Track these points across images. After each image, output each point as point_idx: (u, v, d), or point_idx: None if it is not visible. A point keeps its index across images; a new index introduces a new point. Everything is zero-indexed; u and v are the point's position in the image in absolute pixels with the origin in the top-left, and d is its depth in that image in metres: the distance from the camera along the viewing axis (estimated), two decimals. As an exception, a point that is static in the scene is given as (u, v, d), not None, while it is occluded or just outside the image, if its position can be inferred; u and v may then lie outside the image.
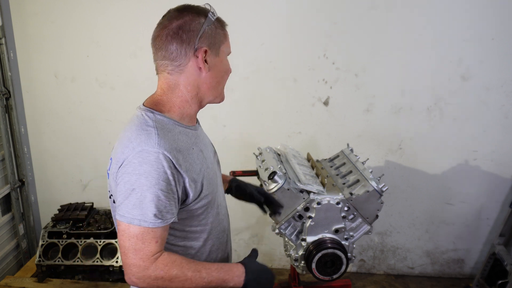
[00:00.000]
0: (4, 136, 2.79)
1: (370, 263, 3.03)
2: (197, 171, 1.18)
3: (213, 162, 1.33)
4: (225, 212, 1.40)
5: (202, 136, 1.32)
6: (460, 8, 2.46)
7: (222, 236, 1.35)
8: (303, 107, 2.72)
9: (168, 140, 1.11)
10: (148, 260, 1.09)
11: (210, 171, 1.25)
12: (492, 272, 2.68)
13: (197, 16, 1.15)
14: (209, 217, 1.26)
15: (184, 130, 1.20)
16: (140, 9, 2.59)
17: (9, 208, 2.92)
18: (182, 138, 1.17)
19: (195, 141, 1.23)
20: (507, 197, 2.75)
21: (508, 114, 2.61)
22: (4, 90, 2.76)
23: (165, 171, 1.08)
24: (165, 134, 1.12)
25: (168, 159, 1.09)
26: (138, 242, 1.09)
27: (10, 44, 2.74)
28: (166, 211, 1.10)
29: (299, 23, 2.57)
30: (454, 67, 2.56)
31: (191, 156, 1.17)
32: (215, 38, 1.18)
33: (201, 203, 1.21)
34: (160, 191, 1.08)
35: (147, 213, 1.08)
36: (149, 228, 1.08)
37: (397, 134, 2.72)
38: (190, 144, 1.20)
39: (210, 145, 1.37)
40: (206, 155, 1.27)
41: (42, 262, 2.54)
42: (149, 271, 1.10)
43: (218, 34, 1.19)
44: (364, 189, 1.92)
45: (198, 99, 1.22)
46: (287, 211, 1.92)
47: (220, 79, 1.23)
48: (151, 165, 1.07)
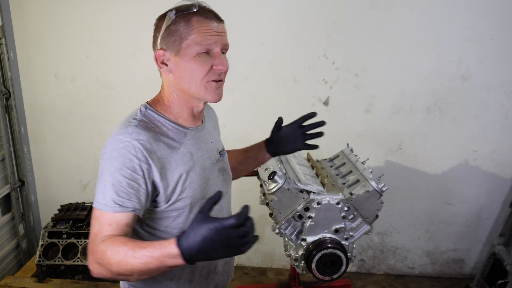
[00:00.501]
0: (4, 136, 2.79)
1: (370, 263, 3.03)
2: (178, 171, 1.16)
3: (210, 169, 1.26)
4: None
5: (204, 140, 1.27)
6: (460, 8, 2.46)
7: None
8: (303, 107, 2.72)
9: (145, 133, 1.12)
10: (96, 242, 1.03)
11: (198, 176, 1.20)
12: (492, 272, 2.68)
13: (162, 19, 1.17)
14: (187, 222, 1.21)
15: (176, 129, 1.19)
16: (140, 9, 2.59)
17: (9, 208, 2.92)
18: (169, 135, 1.17)
19: (186, 142, 1.20)
20: (507, 197, 2.75)
21: (508, 114, 2.61)
22: (4, 90, 2.76)
23: (131, 159, 1.08)
24: (148, 128, 1.14)
25: (139, 150, 1.09)
26: (96, 224, 1.08)
27: (10, 44, 2.74)
28: (127, 199, 1.08)
29: (299, 23, 2.57)
30: (454, 67, 2.56)
31: (172, 155, 1.16)
32: (174, 36, 1.13)
33: (177, 205, 1.18)
34: (123, 177, 1.07)
35: (107, 197, 1.08)
36: (108, 212, 1.07)
37: (397, 134, 2.72)
38: (179, 144, 1.18)
39: (213, 151, 1.30)
40: (198, 159, 1.22)
41: (42, 262, 2.54)
42: (93, 256, 1.03)
43: (177, 31, 1.12)
44: (364, 189, 1.92)
45: (182, 100, 1.20)
46: (287, 211, 1.92)
47: (189, 78, 1.15)
48: (119, 151, 1.09)
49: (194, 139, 1.23)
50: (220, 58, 1.15)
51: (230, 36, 1.26)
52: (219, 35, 1.14)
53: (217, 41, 1.14)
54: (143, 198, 1.11)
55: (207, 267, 1.32)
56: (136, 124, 1.13)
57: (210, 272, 1.33)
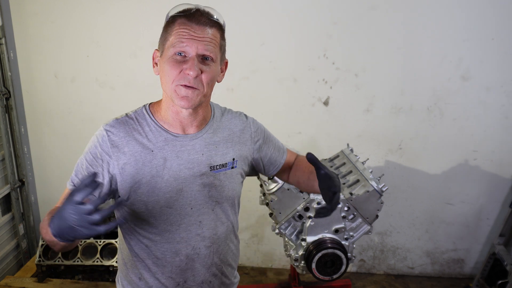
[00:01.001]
0: (4, 136, 2.78)
1: (370, 263, 3.03)
2: (138, 170, 1.15)
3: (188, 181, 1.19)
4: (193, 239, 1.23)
5: (189, 150, 1.19)
6: (460, 8, 2.46)
7: (171, 257, 1.23)
8: (303, 107, 2.72)
9: (121, 128, 1.17)
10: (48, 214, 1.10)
11: (165, 183, 1.16)
12: (492, 272, 2.68)
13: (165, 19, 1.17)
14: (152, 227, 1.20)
15: (158, 132, 1.19)
16: (140, 9, 2.58)
17: (9, 208, 2.92)
18: (149, 136, 1.18)
19: (163, 147, 1.17)
20: (507, 197, 2.75)
21: (508, 114, 2.61)
22: (4, 90, 2.76)
23: (96, 146, 1.16)
24: (126, 124, 1.18)
25: (105, 140, 1.15)
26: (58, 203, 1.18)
27: (10, 44, 2.74)
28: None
29: (299, 23, 2.57)
30: (454, 67, 2.56)
31: (142, 154, 1.16)
32: (163, 37, 1.14)
33: (136, 206, 1.18)
34: (85, 160, 1.18)
35: (72, 175, 1.21)
36: (67, 189, 1.20)
37: (397, 134, 2.72)
38: (154, 147, 1.17)
39: (198, 163, 1.20)
40: (172, 166, 1.17)
41: (42, 262, 2.54)
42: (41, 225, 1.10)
43: (166, 32, 1.13)
44: (364, 189, 1.92)
45: (168, 103, 1.18)
46: (287, 211, 1.92)
47: (164, 80, 1.13)
48: (93, 138, 1.19)
49: (175, 146, 1.18)
50: (191, 63, 1.09)
51: (230, 36, 1.25)
52: (197, 39, 1.09)
53: (192, 45, 1.09)
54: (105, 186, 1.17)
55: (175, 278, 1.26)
56: (119, 118, 1.20)
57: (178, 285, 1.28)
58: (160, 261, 1.24)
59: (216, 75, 1.16)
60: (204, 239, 1.25)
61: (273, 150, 1.41)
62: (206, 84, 1.13)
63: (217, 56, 1.14)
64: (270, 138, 1.43)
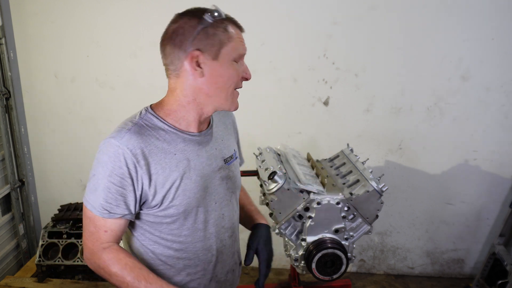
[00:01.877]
0: (4, 136, 2.78)
1: (370, 263, 3.03)
2: (171, 178, 1.14)
3: (210, 177, 1.22)
4: (218, 231, 1.28)
5: (205, 146, 1.22)
6: (460, 8, 2.46)
7: (204, 255, 1.26)
8: (303, 107, 2.72)
9: (137, 139, 1.11)
10: (96, 246, 1.13)
11: (194, 184, 1.17)
12: (492, 272, 2.68)
13: (192, 19, 1.11)
14: (182, 229, 1.20)
15: (175, 134, 1.16)
16: (140, 9, 2.58)
17: (9, 208, 2.92)
18: (161, 142, 1.14)
19: (184, 148, 1.17)
20: (507, 197, 2.75)
21: (508, 114, 2.61)
22: (4, 90, 2.76)
23: (121, 166, 1.09)
24: (141, 133, 1.12)
25: (128, 157, 1.09)
26: (91, 224, 1.14)
27: (10, 44, 2.74)
28: (115, 205, 1.11)
29: (299, 23, 2.57)
30: (454, 67, 2.56)
31: (166, 160, 1.13)
32: (212, 40, 1.10)
33: (169, 211, 1.17)
34: (112, 184, 1.10)
35: (97, 201, 1.12)
36: (98, 216, 1.13)
37: (397, 134, 2.72)
38: (174, 149, 1.15)
39: (215, 158, 1.25)
40: (196, 165, 1.18)
41: (42, 262, 2.54)
42: (94, 257, 1.14)
43: (216, 35, 1.10)
44: (364, 189, 1.92)
45: (196, 105, 1.16)
46: (287, 211, 1.92)
47: (221, 85, 1.13)
48: (109, 156, 1.09)
49: (194, 145, 1.19)
50: (247, 67, 1.18)
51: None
52: (245, 45, 1.18)
53: (245, 50, 1.17)
54: (132, 204, 1.13)
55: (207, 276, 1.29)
56: (130, 128, 1.12)
57: (214, 282, 1.32)
58: (192, 261, 1.25)
59: None
60: (227, 230, 1.31)
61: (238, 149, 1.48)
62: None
63: None
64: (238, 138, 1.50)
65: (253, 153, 2.32)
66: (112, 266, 1.12)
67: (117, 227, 1.14)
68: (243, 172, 2.24)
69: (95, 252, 1.14)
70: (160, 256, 1.22)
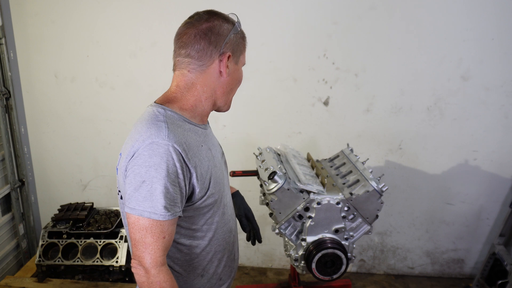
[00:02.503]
0: (4, 136, 2.78)
1: (370, 263, 3.03)
2: (205, 168, 1.19)
3: (221, 163, 1.34)
4: (232, 212, 1.41)
5: (211, 136, 1.33)
6: (460, 8, 2.46)
7: (228, 237, 1.35)
8: (303, 107, 2.72)
9: (178, 134, 1.13)
10: (154, 259, 1.10)
11: (218, 170, 1.27)
12: (492, 272, 2.68)
13: (225, 22, 1.20)
14: (215, 216, 1.26)
15: (194, 128, 1.21)
16: (140, 9, 2.58)
17: (9, 208, 2.92)
18: (191, 135, 1.18)
19: (204, 139, 1.24)
20: (507, 197, 2.76)
21: (508, 114, 2.61)
22: (4, 90, 2.76)
23: (174, 163, 1.09)
24: (175, 128, 1.14)
25: (178, 152, 1.10)
26: (148, 235, 1.09)
27: (10, 44, 2.74)
28: (174, 204, 1.11)
29: (299, 23, 2.57)
30: (454, 67, 2.56)
31: (200, 152, 1.19)
32: (238, 46, 1.24)
33: (208, 201, 1.22)
34: (170, 184, 1.09)
35: (157, 205, 1.08)
36: (158, 221, 1.09)
37: (397, 134, 2.72)
38: (200, 142, 1.21)
39: (218, 145, 1.38)
40: (215, 154, 1.29)
41: (42, 262, 2.54)
42: (152, 271, 1.11)
43: (240, 44, 1.24)
44: (364, 189, 1.92)
45: (211, 101, 1.25)
46: (287, 211, 1.92)
47: (233, 86, 1.28)
48: (161, 157, 1.08)
49: (206, 136, 1.27)
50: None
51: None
52: None
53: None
54: (184, 201, 1.16)
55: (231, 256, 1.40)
56: (167, 126, 1.12)
57: (233, 260, 1.41)
58: (221, 246, 1.32)
59: None
60: (232, 209, 1.43)
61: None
62: None
63: None
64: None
65: (253, 153, 2.32)
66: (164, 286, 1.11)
67: (173, 229, 1.14)
68: (243, 172, 2.25)
69: (154, 266, 1.10)
70: (195, 249, 1.26)
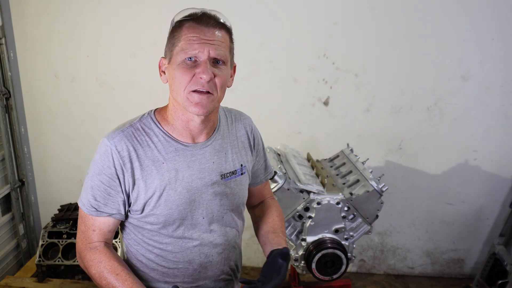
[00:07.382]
0: (4, 136, 2.78)
1: (370, 263, 3.03)
2: (150, 184, 1.12)
3: (200, 191, 1.17)
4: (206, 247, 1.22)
5: (199, 159, 1.17)
6: (460, 8, 2.46)
7: (184, 267, 1.22)
8: (303, 107, 2.72)
9: (129, 142, 1.11)
10: (84, 244, 1.15)
11: (178, 195, 1.14)
12: (492, 272, 2.68)
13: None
14: (163, 237, 1.18)
15: (167, 142, 1.14)
16: (140, 9, 2.58)
17: (9, 208, 2.92)
18: (157, 147, 1.13)
19: (174, 158, 1.13)
20: (507, 197, 2.76)
21: (508, 114, 2.61)
22: (4, 90, 2.76)
23: (109, 166, 1.10)
24: (133, 136, 1.13)
25: (116, 157, 1.10)
26: (82, 223, 1.16)
27: (10, 44, 2.74)
28: (103, 204, 1.12)
29: (299, 23, 2.57)
30: (454, 67, 2.56)
31: (152, 168, 1.12)
32: (169, 43, 1.11)
33: (149, 219, 1.15)
34: (100, 183, 1.11)
35: (87, 198, 1.13)
36: (87, 214, 1.14)
37: (397, 134, 2.72)
38: (164, 158, 1.13)
39: (210, 172, 1.18)
40: (184, 177, 1.14)
41: (42, 262, 2.54)
42: (81, 255, 1.16)
43: (172, 38, 1.10)
44: (364, 189, 1.92)
45: (178, 112, 1.13)
46: (287, 211, 1.92)
47: (174, 87, 1.09)
48: (100, 155, 1.12)
49: (185, 156, 1.15)
50: (204, 66, 1.05)
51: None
52: (208, 42, 1.06)
53: (203, 48, 1.05)
54: (121, 204, 1.14)
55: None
56: (124, 129, 1.13)
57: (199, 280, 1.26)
58: (171, 270, 1.21)
59: (227, 79, 1.12)
60: (216, 246, 1.24)
61: (260, 165, 1.39)
62: (219, 89, 1.09)
63: (228, 59, 1.12)
64: (264, 151, 1.42)
65: (253, 153, 2.32)
66: (92, 268, 1.13)
67: (105, 226, 1.15)
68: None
69: (82, 250, 1.15)
70: (141, 258, 1.22)
